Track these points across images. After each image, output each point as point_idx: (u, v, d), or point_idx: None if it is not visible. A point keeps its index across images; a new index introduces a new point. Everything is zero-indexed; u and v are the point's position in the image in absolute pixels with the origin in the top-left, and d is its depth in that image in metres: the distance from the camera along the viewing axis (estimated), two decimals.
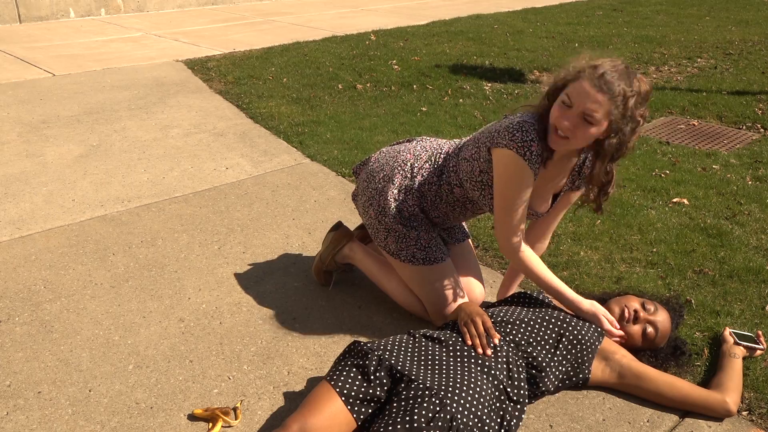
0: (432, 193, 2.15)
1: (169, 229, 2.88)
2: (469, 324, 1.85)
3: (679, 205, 3.17)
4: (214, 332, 2.19)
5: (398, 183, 2.16)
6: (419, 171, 2.17)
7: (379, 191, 2.18)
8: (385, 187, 2.17)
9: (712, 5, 9.58)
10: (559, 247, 2.75)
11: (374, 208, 2.19)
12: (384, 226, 2.17)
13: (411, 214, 2.17)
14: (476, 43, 6.72)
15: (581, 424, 1.83)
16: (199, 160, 3.62)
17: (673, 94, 5.06)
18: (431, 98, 4.90)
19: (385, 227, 2.17)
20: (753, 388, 1.96)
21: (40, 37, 6.76)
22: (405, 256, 2.18)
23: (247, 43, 6.49)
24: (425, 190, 2.16)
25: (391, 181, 2.17)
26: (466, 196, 2.12)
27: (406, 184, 2.16)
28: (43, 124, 4.14)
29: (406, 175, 2.17)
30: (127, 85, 5.03)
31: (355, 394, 1.66)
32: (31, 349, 2.09)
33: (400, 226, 2.15)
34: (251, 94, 4.81)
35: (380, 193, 2.18)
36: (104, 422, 1.80)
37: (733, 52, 6.57)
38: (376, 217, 2.19)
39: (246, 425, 1.80)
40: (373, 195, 2.20)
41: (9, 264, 2.57)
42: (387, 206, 2.15)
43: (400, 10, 8.91)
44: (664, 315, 2.04)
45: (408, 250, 2.17)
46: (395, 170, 2.18)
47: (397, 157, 2.22)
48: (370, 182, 2.22)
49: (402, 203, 2.15)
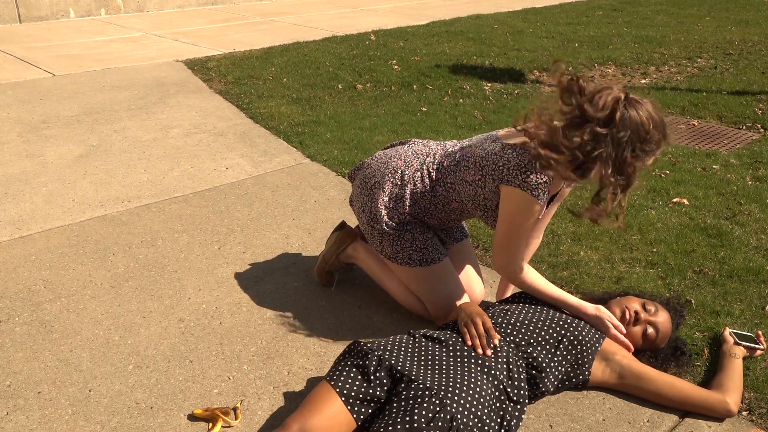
0: (426, 202, 2.13)
1: (169, 229, 2.88)
2: (469, 324, 1.85)
3: (679, 205, 3.17)
4: (214, 332, 2.19)
5: (388, 191, 2.14)
6: (410, 179, 2.13)
7: (370, 198, 2.17)
8: (376, 195, 2.15)
9: (712, 5, 9.58)
10: (559, 247, 2.75)
11: (366, 215, 2.18)
12: (377, 231, 2.17)
13: (402, 220, 2.15)
14: (476, 43, 6.72)
15: (581, 424, 1.83)
16: (199, 160, 3.62)
17: (673, 94, 5.06)
18: (431, 98, 4.90)
19: (378, 232, 2.16)
20: (753, 388, 1.96)
21: (40, 37, 6.76)
22: (401, 259, 2.17)
23: (247, 43, 6.49)
24: (417, 198, 2.13)
25: (381, 188, 2.15)
26: (464, 209, 2.11)
27: (396, 192, 2.14)
28: (43, 124, 4.14)
29: (396, 182, 2.14)
30: (127, 85, 5.03)
31: (355, 395, 1.66)
32: (31, 349, 2.09)
33: (393, 231, 2.14)
34: (251, 94, 4.81)
35: (372, 200, 2.16)
36: (104, 422, 1.80)
37: (733, 52, 6.57)
38: (369, 223, 2.18)
39: (246, 425, 1.80)
40: (366, 202, 2.19)
41: (9, 264, 2.57)
42: (378, 213, 2.14)
43: (400, 10, 8.91)
44: (664, 316, 2.04)
45: (404, 252, 2.17)
46: (385, 177, 2.16)
47: (388, 163, 2.19)
48: (363, 188, 2.21)
49: (393, 211, 2.14)
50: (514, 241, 1.97)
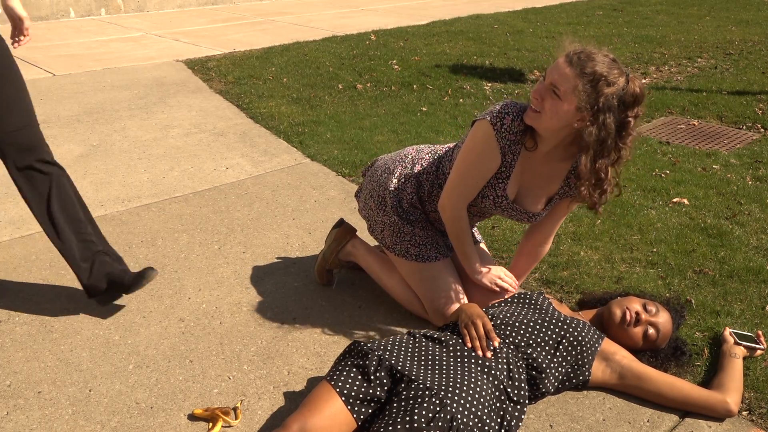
0: (429, 183, 2.19)
1: (169, 229, 2.88)
2: (470, 326, 1.85)
3: (679, 205, 3.17)
4: (214, 332, 2.19)
5: (398, 173, 2.22)
6: (419, 161, 2.22)
7: (380, 183, 2.25)
8: (387, 179, 2.23)
9: (712, 5, 9.58)
10: (559, 247, 2.75)
11: (374, 200, 2.25)
12: (381, 218, 2.22)
13: (410, 203, 2.20)
14: (476, 43, 6.72)
15: (581, 424, 1.83)
16: (199, 160, 3.62)
17: (673, 94, 5.06)
18: (431, 98, 4.90)
19: (382, 219, 2.22)
20: (753, 388, 1.96)
21: (40, 37, 6.75)
22: (399, 250, 2.21)
23: (247, 43, 6.49)
24: (423, 179, 2.20)
25: (392, 173, 2.23)
26: None
27: (405, 173, 2.22)
28: (43, 124, 4.14)
29: (406, 165, 2.23)
30: (127, 85, 5.03)
31: (355, 395, 1.66)
32: (31, 349, 2.09)
33: (396, 218, 2.19)
34: (251, 94, 4.81)
35: (381, 185, 2.24)
36: (104, 422, 1.80)
37: (733, 52, 6.57)
38: (376, 208, 2.24)
39: (246, 425, 1.80)
40: (374, 187, 2.26)
41: (9, 264, 2.57)
42: (386, 196, 2.21)
43: (400, 10, 8.91)
44: (665, 316, 2.04)
45: (402, 244, 2.21)
46: (396, 163, 2.26)
47: (400, 153, 2.31)
48: (374, 177, 2.30)
49: (401, 191, 2.20)
50: (460, 179, 2.04)
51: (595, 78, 1.77)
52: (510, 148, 1.96)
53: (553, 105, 1.82)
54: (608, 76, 1.78)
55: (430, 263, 2.19)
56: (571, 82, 1.79)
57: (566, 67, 1.80)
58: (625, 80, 1.80)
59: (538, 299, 2.05)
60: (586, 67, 1.78)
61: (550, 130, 1.90)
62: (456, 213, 2.09)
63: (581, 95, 1.78)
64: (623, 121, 1.83)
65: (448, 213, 2.10)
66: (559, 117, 1.84)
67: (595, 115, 1.80)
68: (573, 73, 1.78)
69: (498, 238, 2.83)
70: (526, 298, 2.06)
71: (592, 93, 1.78)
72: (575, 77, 1.78)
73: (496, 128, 1.93)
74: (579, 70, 1.78)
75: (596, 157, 1.86)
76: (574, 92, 1.79)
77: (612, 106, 1.79)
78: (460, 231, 2.12)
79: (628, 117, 1.82)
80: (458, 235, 2.13)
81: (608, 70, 1.78)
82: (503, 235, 2.84)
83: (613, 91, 1.78)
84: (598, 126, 1.80)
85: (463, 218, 2.10)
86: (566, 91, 1.79)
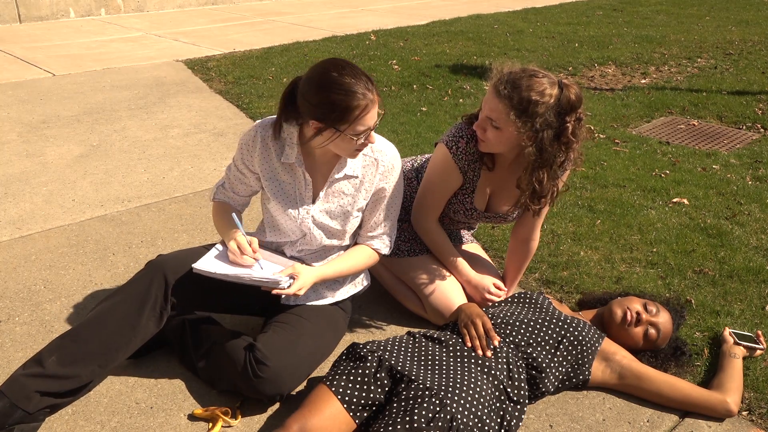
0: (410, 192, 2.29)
1: (169, 229, 2.87)
2: (469, 326, 1.85)
3: (679, 205, 3.17)
4: None
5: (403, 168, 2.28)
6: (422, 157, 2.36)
7: None
8: None
9: (712, 5, 9.58)
10: (559, 247, 2.75)
11: None
12: None
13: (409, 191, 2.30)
14: (476, 43, 6.72)
15: (581, 424, 1.83)
16: (199, 160, 3.62)
17: (673, 94, 5.06)
18: (431, 98, 4.90)
19: None
20: (753, 388, 1.96)
21: (40, 37, 6.76)
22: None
23: (247, 43, 6.49)
24: (420, 168, 2.32)
25: None
26: None
27: (408, 166, 2.34)
28: (43, 124, 4.14)
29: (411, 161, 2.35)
30: (127, 85, 5.03)
31: (354, 399, 1.66)
32: (31, 349, 2.08)
33: None
34: (251, 94, 4.81)
35: None
36: (104, 422, 1.80)
37: (733, 52, 6.57)
38: None
39: (246, 425, 1.80)
40: None
41: (9, 264, 2.57)
42: None
43: (400, 10, 8.91)
44: (665, 316, 2.04)
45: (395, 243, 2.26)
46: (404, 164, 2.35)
47: None
48: None
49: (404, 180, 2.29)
50: (425, 195, 2.17)
51: (524, 105, 1.82)
52: (470, 166, 2.06)
53: (495, 134, 1.91)
54: (539, 97, 1.81)
55: (421, 256, 2.25)
56: (503, 113, 1.85)
57: (496, 100, 1.86)
58: (558, 90, 1.84)
59: (538, 299, 2.05)
60: (514, 98, 1.82)
61: (502, 152, 2.00)
62: (426, 225, 2.20)
63: (517, 123, 1.84)
64: (561, 129, 1.86)
65: (419, 226, 2.23)
66: (503, 143, 1.93)
67: (534, 136, 1.86)
68: (503, 105, 1.84)
69: (498, 238, 2.83)
70: (526, 298, 2.06)
71: (527, 119, 1.83)
72: (506, 108, 1.84)
73: (452, 151, 2.04)
74: (508, 101, 1.83)
75: (534, 169, 1.92)
76: (509, 121, 1.85)
77: (549, 121, 1.84)
78: (433, 243, 2.22)
79: (566, 123, 1.86)
80: (435, 247, 2.23)
81: (538, 91, 1.82)
82: (503, 235, 2.84)
83: (546, 108, 1.82)
84: (536, 145, 1.87)
85: (433, 230, 2.21)
86: (502, 120, 1.87)
